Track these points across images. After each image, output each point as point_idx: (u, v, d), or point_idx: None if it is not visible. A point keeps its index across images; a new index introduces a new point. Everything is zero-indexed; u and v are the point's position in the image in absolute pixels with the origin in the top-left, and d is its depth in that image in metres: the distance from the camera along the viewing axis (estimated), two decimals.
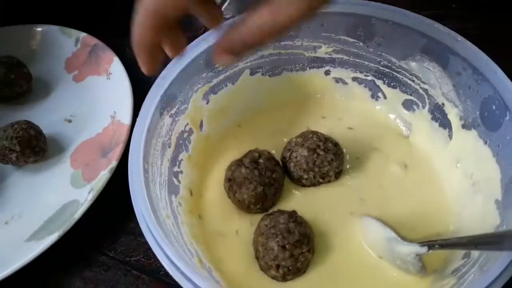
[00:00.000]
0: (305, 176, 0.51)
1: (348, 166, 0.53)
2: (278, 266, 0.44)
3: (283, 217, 0.46)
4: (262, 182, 0.48)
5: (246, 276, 0.45)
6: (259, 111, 0.58)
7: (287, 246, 0.43)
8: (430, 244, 0.43)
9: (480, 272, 0.38)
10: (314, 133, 0.52)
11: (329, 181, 0.52)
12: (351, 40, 0.53)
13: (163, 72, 0.47)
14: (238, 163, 0.50)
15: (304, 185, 0.52)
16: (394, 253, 0.45)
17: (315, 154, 0.50)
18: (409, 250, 0.43)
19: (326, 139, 0.51)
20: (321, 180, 0.51)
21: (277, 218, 0.46)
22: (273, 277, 0.45)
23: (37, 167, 0.59)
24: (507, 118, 0.43)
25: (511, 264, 0.35)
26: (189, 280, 0.35)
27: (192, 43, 0.49)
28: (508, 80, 0.43)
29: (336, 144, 0.51)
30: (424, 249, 0.43)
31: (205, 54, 0.49)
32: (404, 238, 0.45)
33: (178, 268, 0.36)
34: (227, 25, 0.38)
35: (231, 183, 0.49)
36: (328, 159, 0.50)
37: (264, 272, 0.45)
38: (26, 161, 0.57)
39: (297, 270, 0.44)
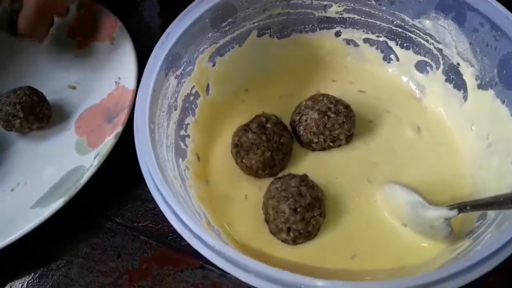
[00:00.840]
0: (315, 140, 0.49)
1: (359, 130, 0.51)
2: (289, 229, 0.43)
3: (294, 180, 0.44)
4: (270, 147, 0.47)
5: (256, 240, 0.44)
6: (267, 74, 0.56)
7: (298, 209, 0.42)
8: (461, 206, 0.40)
9: (497, 231, 0.37)
10: (325, 95, 0.50)
11: (340, 146, 0.50)
12: None
13: (167, 30, 0.45)
14: (245, 128, 0.48)
15: (314, 150, 0.50)
16: (420, 219, 0.42)
17: (326, 117, 0.48)
18: (438, 214, 0.41)
19: (337, 102, 0.49)
20: (331, 144, 0.50)
21: (288, 181, 0.44)
22: (283, 241, 0.44)
23: (42, 134, 0.58)
24: None
25: None
26: (198, 237, 0.34)
27: (196, 1, 0.47)
28: None
29: (347, 107, 0.49)
30: (453, 212, 0.40)
31: (210, 12, 0.47)
32: (431, 202, 0.42)
33: (186, 226, 0.34)
34: None
35: (238, 149, 0.48)
36: (339, 122, 0.48)
37: (274, 236, 0.44)
38: (30, 127, 0.56)
39: (308, 233, 0.44)
